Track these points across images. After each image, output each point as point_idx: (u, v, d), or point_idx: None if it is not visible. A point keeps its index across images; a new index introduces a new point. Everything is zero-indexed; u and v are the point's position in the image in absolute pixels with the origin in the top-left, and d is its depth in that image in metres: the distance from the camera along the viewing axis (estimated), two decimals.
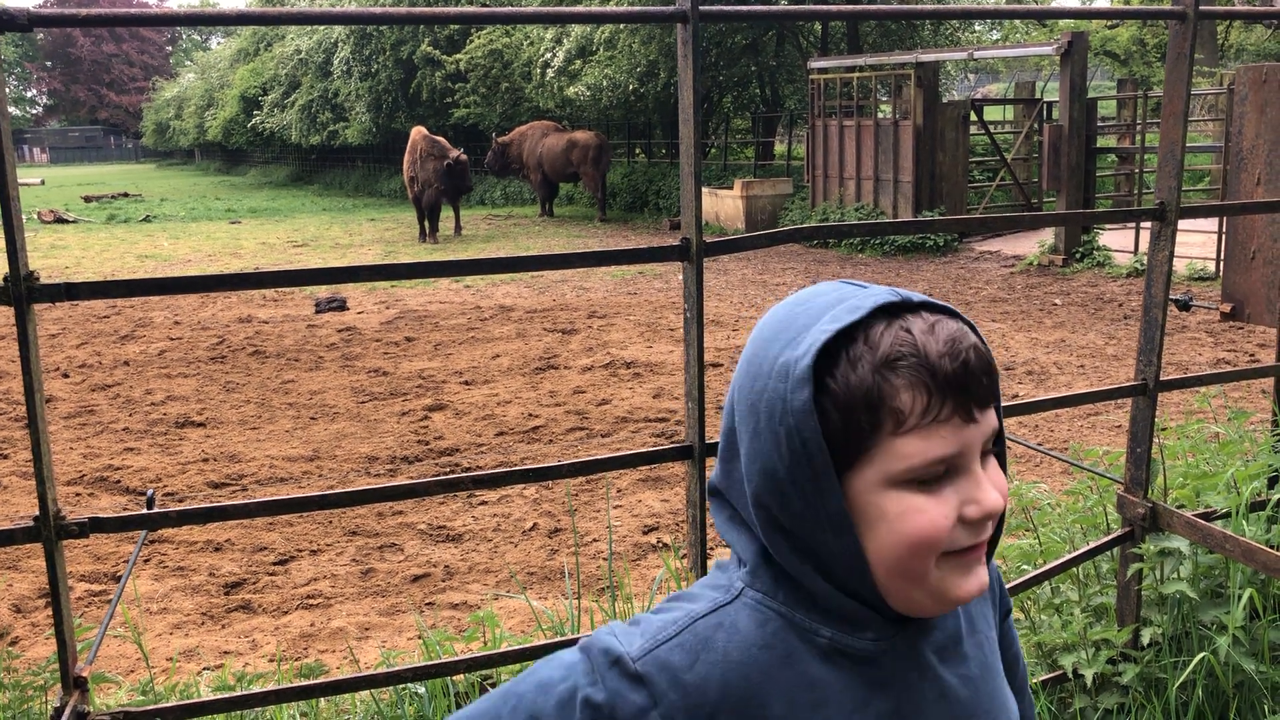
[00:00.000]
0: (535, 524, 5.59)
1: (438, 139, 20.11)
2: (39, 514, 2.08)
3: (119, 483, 6.44)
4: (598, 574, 4.89)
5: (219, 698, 2.42)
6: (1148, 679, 2.81)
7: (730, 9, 2.37)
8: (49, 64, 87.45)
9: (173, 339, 10.88)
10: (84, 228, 24.73)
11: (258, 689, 2.92)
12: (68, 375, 9.38)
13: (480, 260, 2.40)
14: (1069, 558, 2.87)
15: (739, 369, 1.05)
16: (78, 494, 6.23)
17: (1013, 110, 19.82)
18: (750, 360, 1.02)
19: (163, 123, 59.26)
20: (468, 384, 8.69)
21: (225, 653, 4.27)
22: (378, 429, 7.45)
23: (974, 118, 16.24)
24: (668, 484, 6.11)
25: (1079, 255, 13.34)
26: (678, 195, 16.63)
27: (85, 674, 2.19)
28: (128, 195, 35.24)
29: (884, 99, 17.17)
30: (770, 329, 1.02)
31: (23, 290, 1.97)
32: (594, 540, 5.31)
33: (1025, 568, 3.10)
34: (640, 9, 2.32)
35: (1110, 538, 2.90)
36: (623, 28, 20.16)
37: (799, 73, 21.80)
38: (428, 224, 19.84)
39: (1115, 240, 13.61)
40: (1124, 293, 11.56)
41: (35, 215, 26.51)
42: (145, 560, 5.29)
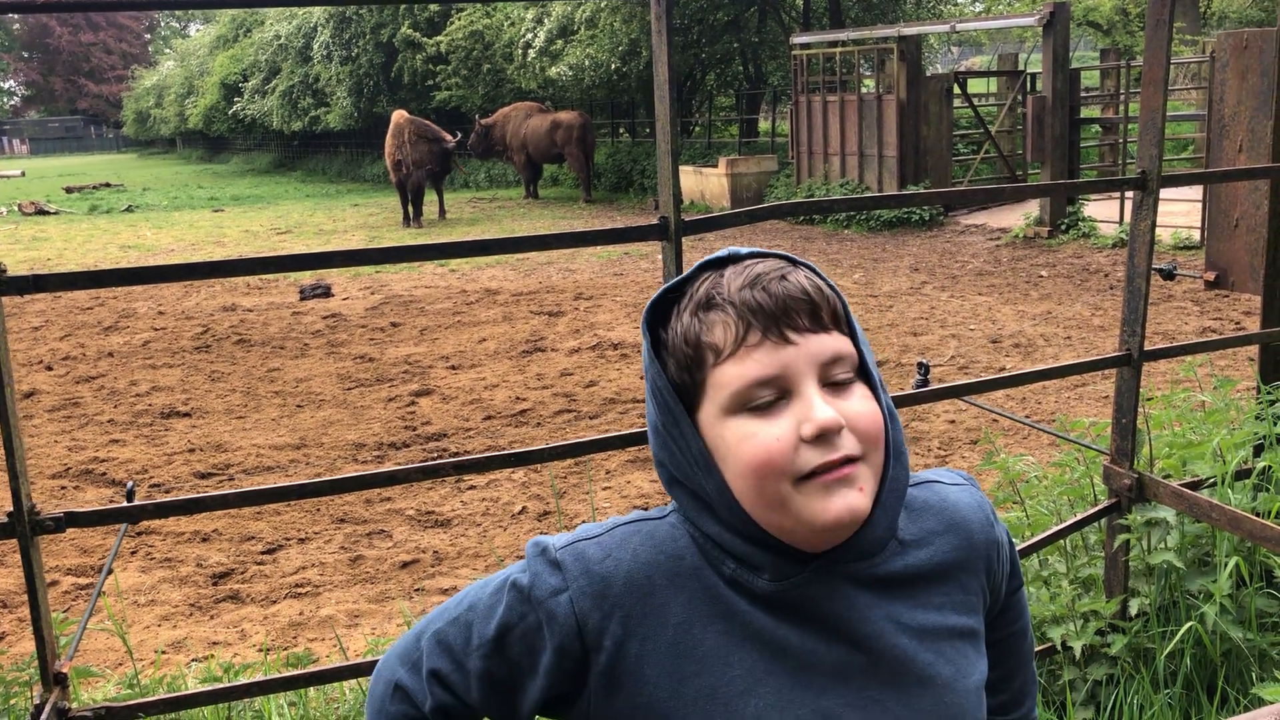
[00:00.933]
0: (524, 507, 5.58)
1: (425, 122, 19.98)
2: (12, 510, 2.05)
3: (104, 475, 6.40)
4: None
5: (204, 690, 2.40)
6: (1136, 649, 2.81)
7: None
8: (26, 54, 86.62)
9: (157, 329, 10.81)
10: (66, 219, 24.53)
11: (244, 680, 2.90)
12: (51, 368, 9.32)
13: (460, 243, 2.37)
14: (1056, 530, 2.87)
15: None
16: (63, 487, 6.19)
17: (996, 83, 19.78)
18: None
19: (143, 112, 58.78)
20: (454, 368, 8.66)
21: (214, 643, 4.25)
22: (364, 415, 7.42)
23: (957, 91, 16.19)
24: None
25: (1064, 226, 13.34)
26: None
27: (65, 670, 2.16)
28: (109, 185, 34.95)
29: (867, 74, 17.10)
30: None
31: None
32: (583, 522, 5.29)
33: (1013, 540, 3.10)
34: None
35: (1097, 509, 2.89)
36: (603, 6, 20.04)
37: (782, 49, 21.71)
38: (412, 208, 19.74)
39: (1100, 211, 13.61)
40: (1110, 263, 11.57)
41: (16, 207, 26.31)
42: (131, 552, 5.27)
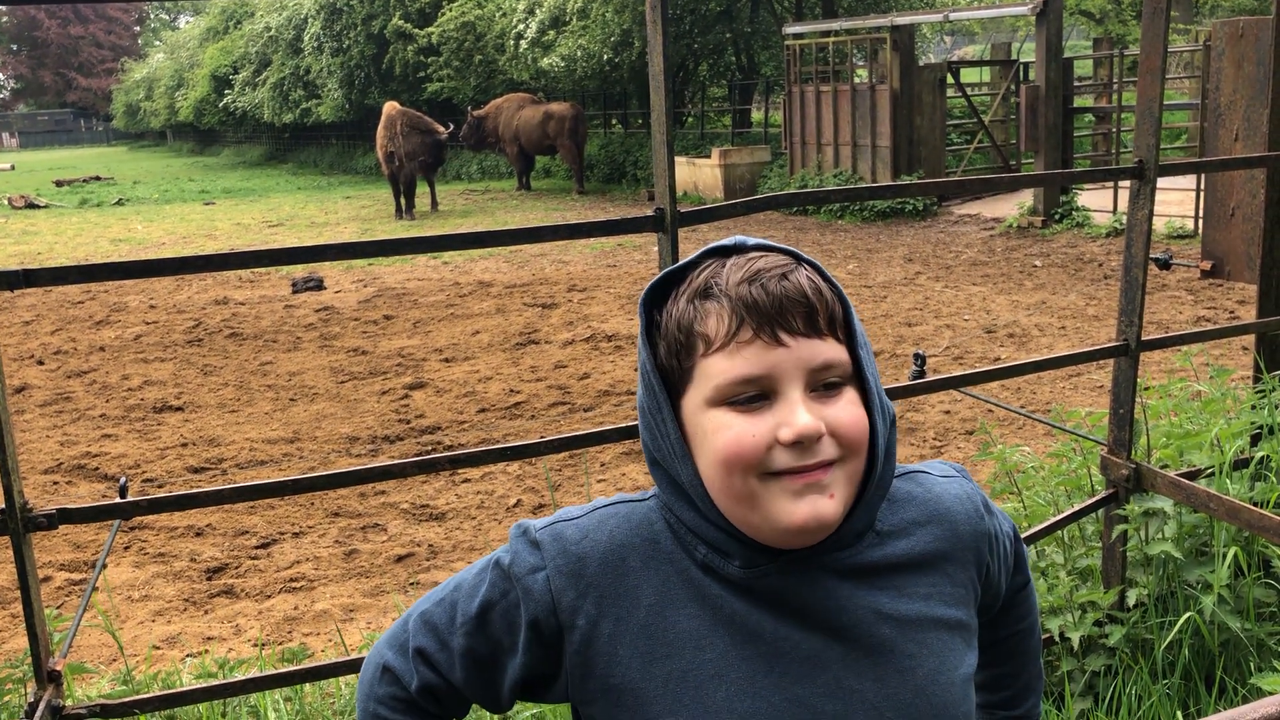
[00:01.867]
0: (519, 500, 5.56)
1: (417, 113, 19.90)
2: (5, 506, 2.03)
3: (97, 470, 6.37)
4: None
5: (199, 687, 2.39)
6: (1134, 640, 2.81)
7: None
8: (14, 47, 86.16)
9: (148, 323, 10.76)
10: (56, 213, 24.42)
11: (239, 676, 2.89)
12: (43, 362, 9.27)
13: (453, 235, 2.35)
14: (1053, 521, 2.86)
15: None
16: (55, 482, 6.16)
17: (989, 72, 19.75)
18: None
19: (133, 104, 58.47)
20: (448, 361, 8.64)
21: (208, 639, 4.24)
22: (358, 409, 7.40)
23: (950, 80, 16.16)
24: None
25: (1058, 216, 13.33)
26: None
27: (59, 667, 2.15)
28: (100, 179, 34.79)
29: (860, 64, 17.08)
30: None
31: None
32: None
33: (1019, 535, 3.09)
34: None
35: (1095, 499, 2.89)
36: None
37: (774, 39, 21.66)
38: (404, 200, 19.67)
39: (1094, 200, 13.61)
40: (1104, 252, 11.57)
41: (6, 201, 26.17)
42: (125, 547, 5.24)
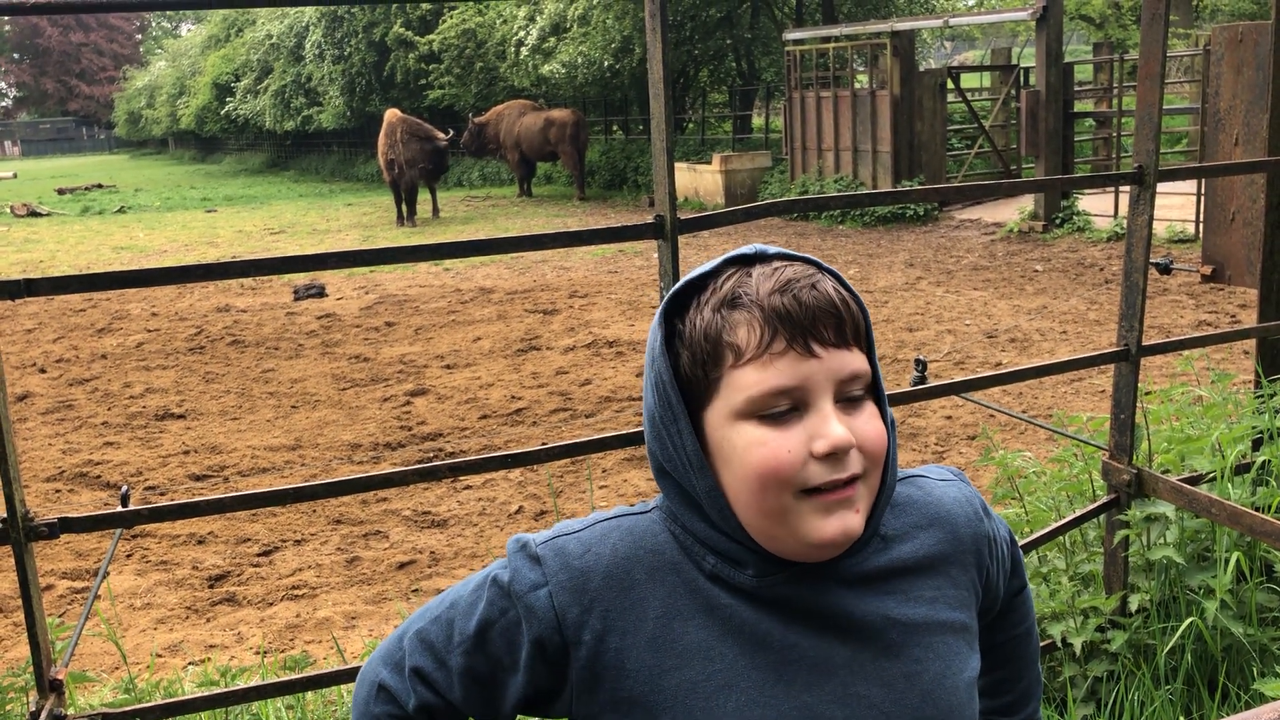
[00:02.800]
0: (521, 507, 5.56)
1: (417, 120, 19.92)
2: (7, 515, 2.04)
3: (99, 478, 6.37)
4: None
5: (201, 695, 2.38)
6: (1136, 645, 2.80)
7: None
8: (16, 56, 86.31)
9: (150, 331, 10.77)
10: (58, 220, 24.45)
11: (241, 684, 2.89)
12: (45, 370, 9.28)
13: (455, 243, 2.36)
14: (1055, 526, 2.86)
15: None
16: (57, 490, 6.17)
17: (990, 77, 19.78)
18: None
19: (135, 112, 58.58)
20: (449, 368, 8.64)
21: (210, 646, 4.24)
22: (360, 416, 7.40)
23: (951, 86, 16.18)
24: None
25: (1059, 221, 13.34)
26: None
27: (61, 676, 2.15)
28: (102, 186, 34.84)
29: (860, 69, 17.08)
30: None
31: None
32: None
33: (1015, 539, 3.09)
34: None
35: (1096, 505, 2.89)
36: (595, 3, 19.98)
37: (775, 45, 21.68)
38: (406, 207, 19.69)
39: (1095, 205, 13.61)
40: (1104, 257, 11.57)
41: (8, 209, 26.21)
42: (127, 555, 5.24)
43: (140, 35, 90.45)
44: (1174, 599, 2.84)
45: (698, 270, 1.06)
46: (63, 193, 32.82)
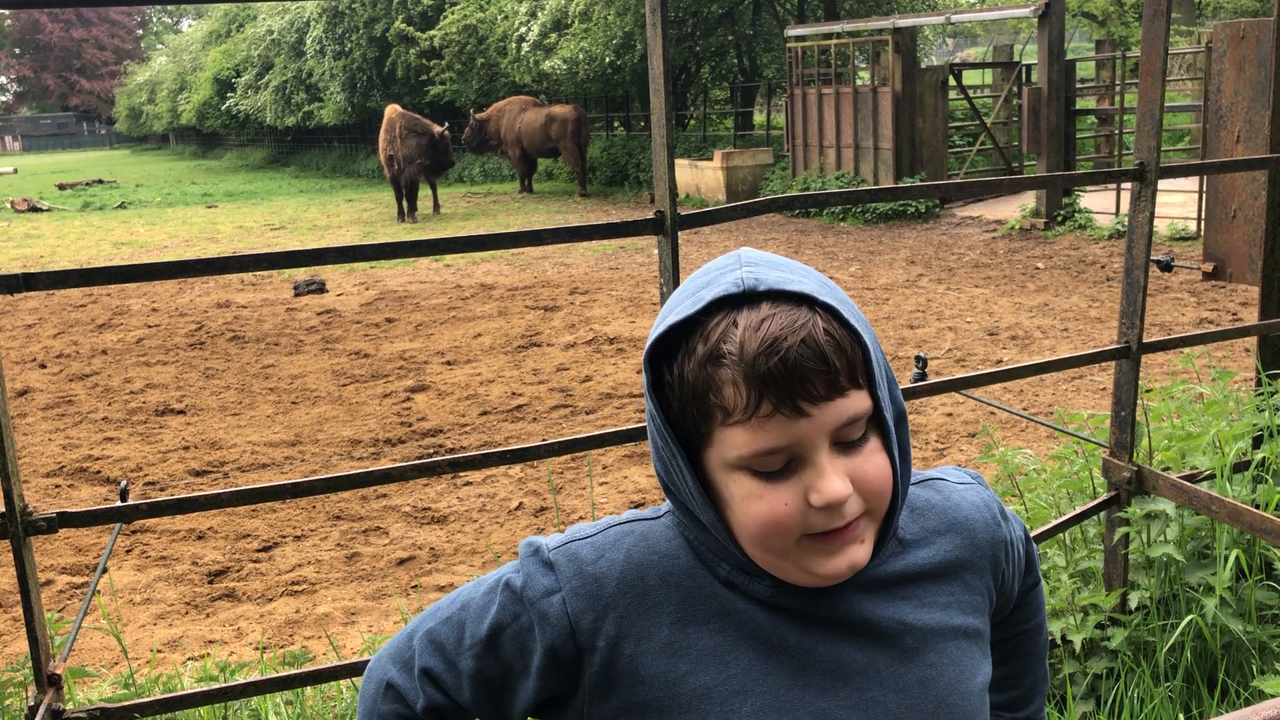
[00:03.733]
0: (521, 503, 5.56)
1: (417, 116, 19.91)
2: (5, 510, 2.03)
3: (99, 473, 6.38)
4: None
5: (200, 690, 2.38)
6: (1136, 643, 2.80)
7: None
8: (17, 51, 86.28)
9: (151, 326, 10.77)
10: (59, 216, 24.45)
11: (240, 680, 2.89)
12: (45, 366, 9.28)
13: (455, 239, 2.35)
14: (1055, 523, 2.86)
15: None
16: (57, 485, 6.17)
17: (991, 74, 19.74)
18: None
19: (135, 108, 58.57)
20: (450, 364, 8.64)
21: (210, 642, 4.24)
22: (360, 412, 7.40)
23: (953, 82, 16.16)
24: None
25: (1060, 218, 13.33)
26: None
27: (59, 670, 2.15)
28: (102, 182, 34.83)
29: (862, 66, 17.08)
30: (667, 305, 1.07)
31: None
32: (580, 518, 5.28)
33: (1030, 536, 3.09)
34: None
35: (1096, 502, 2.88)
36: None
37: (776, 41, 21.66)
38: (406, 203, 19.69)
39: (1096, 202, 13.60)
40: (1106, 254, 11.56)
41: (9, 204, 26.21)
42: (127, 551, 5.25)
43: (141, 30, 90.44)
44: (1174, 596, 2.83)
45: (683, 310, 1.00)
46: (63, 188, 32.81)
